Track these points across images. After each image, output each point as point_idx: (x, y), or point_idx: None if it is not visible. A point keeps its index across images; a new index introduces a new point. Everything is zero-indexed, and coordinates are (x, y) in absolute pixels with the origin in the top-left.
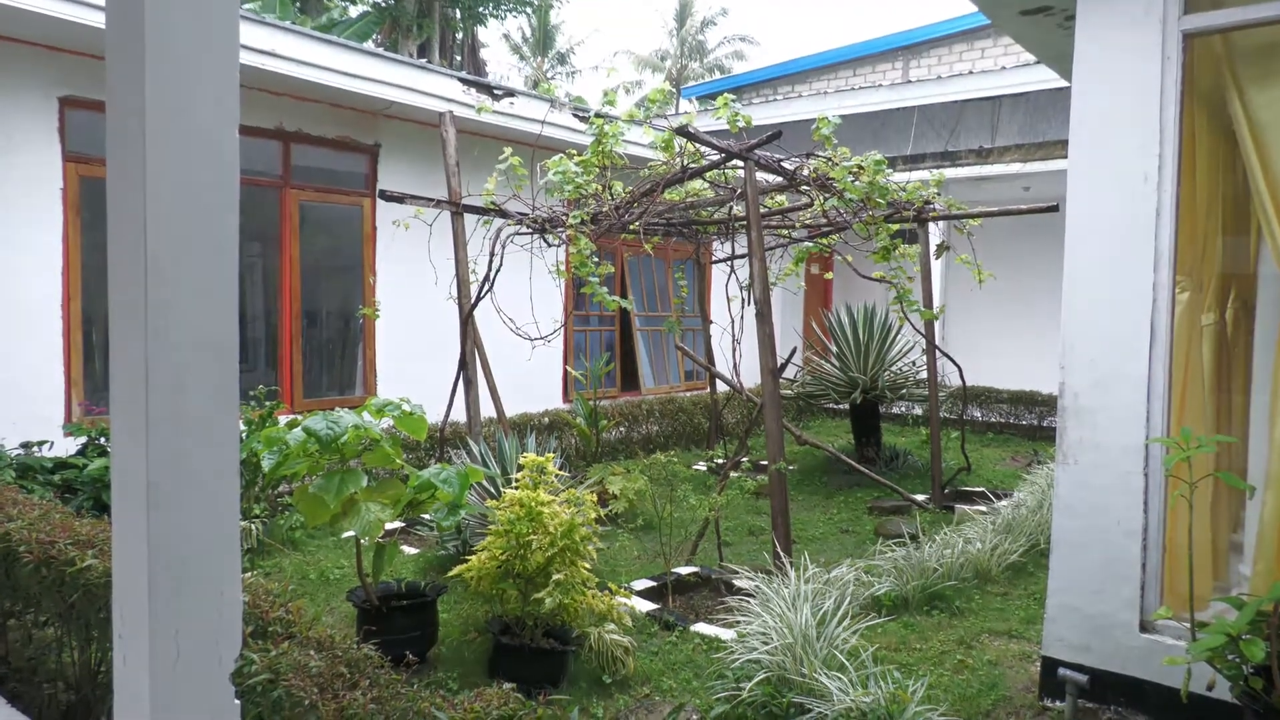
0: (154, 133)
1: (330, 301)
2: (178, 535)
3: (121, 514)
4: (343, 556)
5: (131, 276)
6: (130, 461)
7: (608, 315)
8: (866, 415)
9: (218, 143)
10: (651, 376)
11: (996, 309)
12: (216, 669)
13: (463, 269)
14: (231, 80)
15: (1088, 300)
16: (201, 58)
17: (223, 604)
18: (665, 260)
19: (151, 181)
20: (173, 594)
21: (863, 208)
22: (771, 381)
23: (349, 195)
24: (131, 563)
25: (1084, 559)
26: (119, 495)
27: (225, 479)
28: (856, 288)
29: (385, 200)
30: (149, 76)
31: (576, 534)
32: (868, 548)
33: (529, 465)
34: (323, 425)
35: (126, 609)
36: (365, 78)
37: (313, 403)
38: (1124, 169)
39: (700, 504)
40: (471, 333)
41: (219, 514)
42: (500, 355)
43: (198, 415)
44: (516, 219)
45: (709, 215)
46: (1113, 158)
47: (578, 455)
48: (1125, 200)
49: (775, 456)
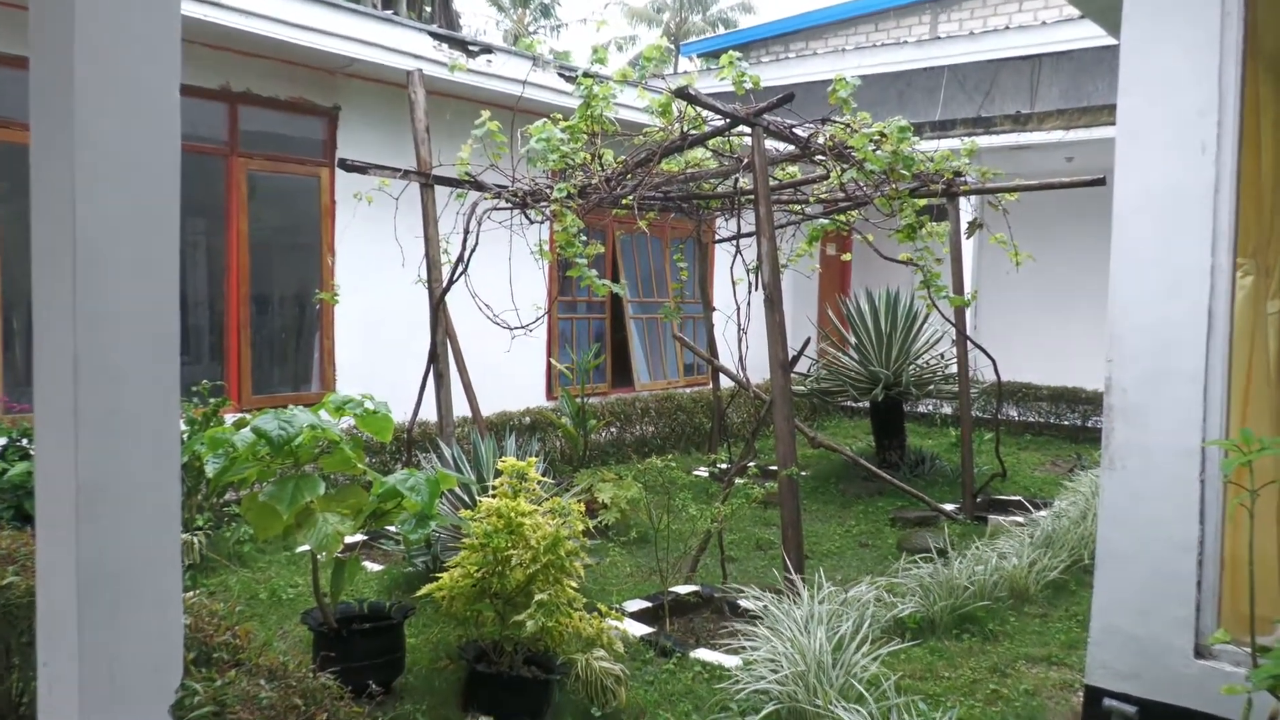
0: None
1: (283, 285)
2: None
3: (47, 525)
4: (297, 573)
5: (58, 255)
6: (57, 466)
7: (597, 302)
8: (889, 414)
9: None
10: (646, 371)
11: (1035, 295)
12: (155, 700)
13: (433, 248)
14: (171, 32)
15: (1137, 285)
16: (136, 6)
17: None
18: (662, 239)
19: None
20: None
21: (885, 180)
22: (782, 376)
23: (304, 164)
24: (58, 580)
25: (1132, 576)
26: (44, 504)
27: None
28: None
29: (345, 170)
30: (78, 28)
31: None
32: (890, 564)
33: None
34: (274, 425)
35: (52, 633)
36: (323, 31)
37: (263, 399)
38: (1179, 137)
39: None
40: (443, 321)
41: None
42: (476, 346)
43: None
44: (494, 192)
45: (712, 188)
46: (1166, 125)
47: (563, 459)
48: (1180, 172)
49: (786, 461)
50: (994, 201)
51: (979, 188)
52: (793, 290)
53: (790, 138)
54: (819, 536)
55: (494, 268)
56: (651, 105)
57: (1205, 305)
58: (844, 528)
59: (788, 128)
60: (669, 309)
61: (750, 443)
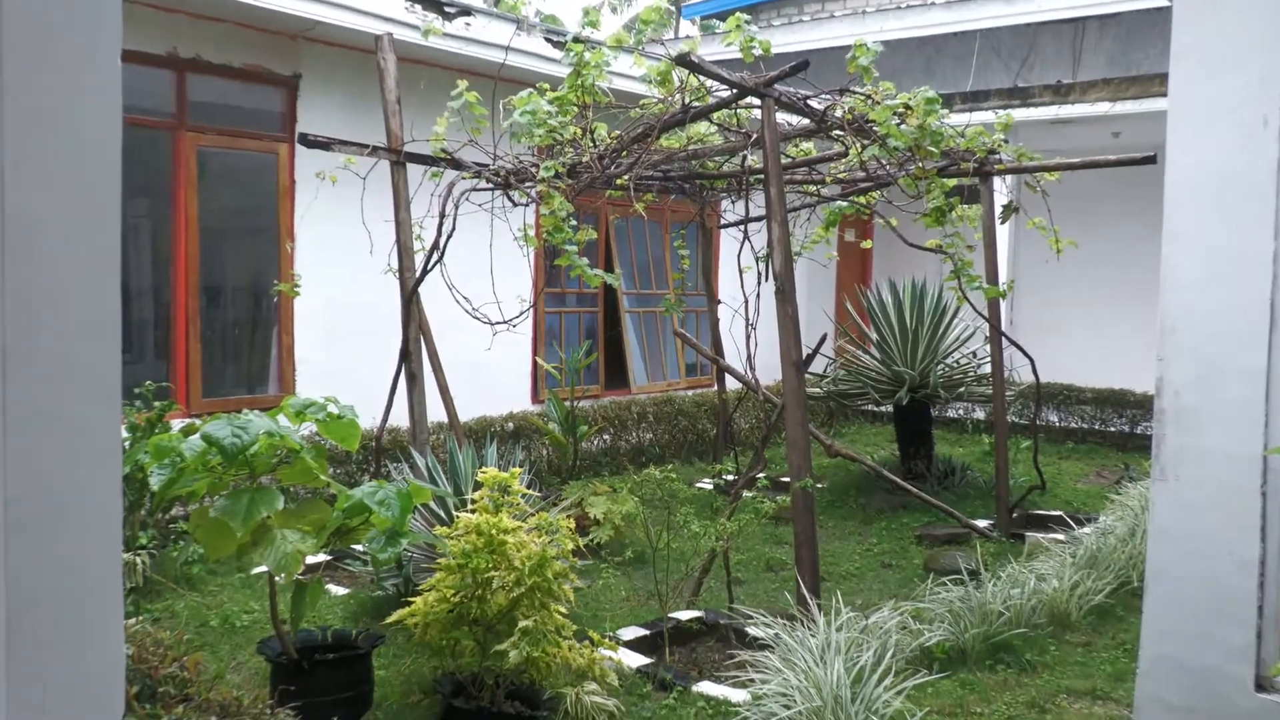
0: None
1: (237, 274)
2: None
3: None
4: (252, 598)
5: None
6: None
7: (589, 294)
8: (915, 420)
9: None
10: (644, 371)
11: (1079, 286)
12: None
13: (405, 234)
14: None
15: (1191, 274)
16: None
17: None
18: (662, 224)
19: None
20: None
21: (910, 158)
22: (795, 377)
23: (261, 140)
24: None
25: (1186, 599)
26: None
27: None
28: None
29: (307, 146)
30: None
31: (549, 570)
32: (916, 586)
33: (489, 483)
34: (227, 432)
35: None
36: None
37: (214, 403)
38: (1239, 110)
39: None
40: (416, 315)
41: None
42: (453, 343)
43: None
44: (473, 171)
45: (717, 167)
46: (1224, 96)
47: (550, 470)
48: (1239, 150)
49: (799, 472)
50: (1032, 182)
51: (1015, 166)
52: (807, 281)
53: (804, 110)
54: (836, 556)
55: (473, 256)
56: (649, 74)
57: (1267, 296)
58: (864, 546)
59: (801, 99)
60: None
61: (759, 451)
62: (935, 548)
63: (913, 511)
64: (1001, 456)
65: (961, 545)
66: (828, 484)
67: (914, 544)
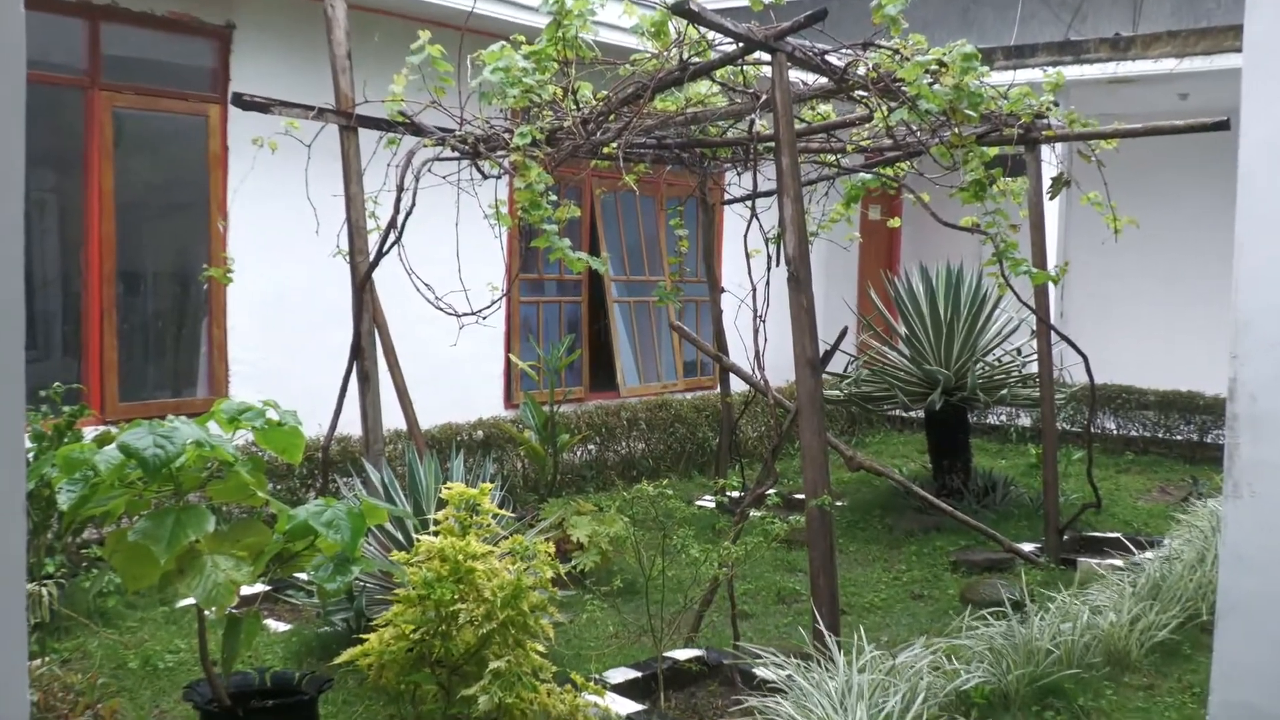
0: None
1: (160, 258)
2: None
3: None
4: (178, 635)
5: None
6: None
7: (571, 280)
8: (950, 427)
9: None
10: (635, 371)
11: (1139, 272)
12: None
13: (357, 211)
14: None
15: (1270, 257)
16: None
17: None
18: (656, 200)
19: None
20: None
21: (945, 123)
22: (810, 378)
23: (188, 100)
24: None
25: (1265, 635)
26: None
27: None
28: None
29: (242, 108)
30: None
31: (524, 601)
32: (951, 620)
33: (455, 500)
34: (149, 441)
35: None
36: None
37: (134, 407)
38: None
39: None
40: (370, 305)
41: None
42: (413, 339)
43: None
44: (437, 138)
45: (720, 134)
46: None
47: (527, 485)
48: None
49: (816, 487)
50: (1086, 151)
51: (1066, 133)
52: (825, 266)
53: (822, 68)
54: (859, 585)
55: (437, 236)
56: (642, 24)
57: None
58: (891, 574)
59: (819, 54)
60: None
61: (769, 464)
62: (973, 575)
63: (947, 533)
64: (1050, 470)
65: (1004, 572)
66: (849, 502)
67: (949, 571)
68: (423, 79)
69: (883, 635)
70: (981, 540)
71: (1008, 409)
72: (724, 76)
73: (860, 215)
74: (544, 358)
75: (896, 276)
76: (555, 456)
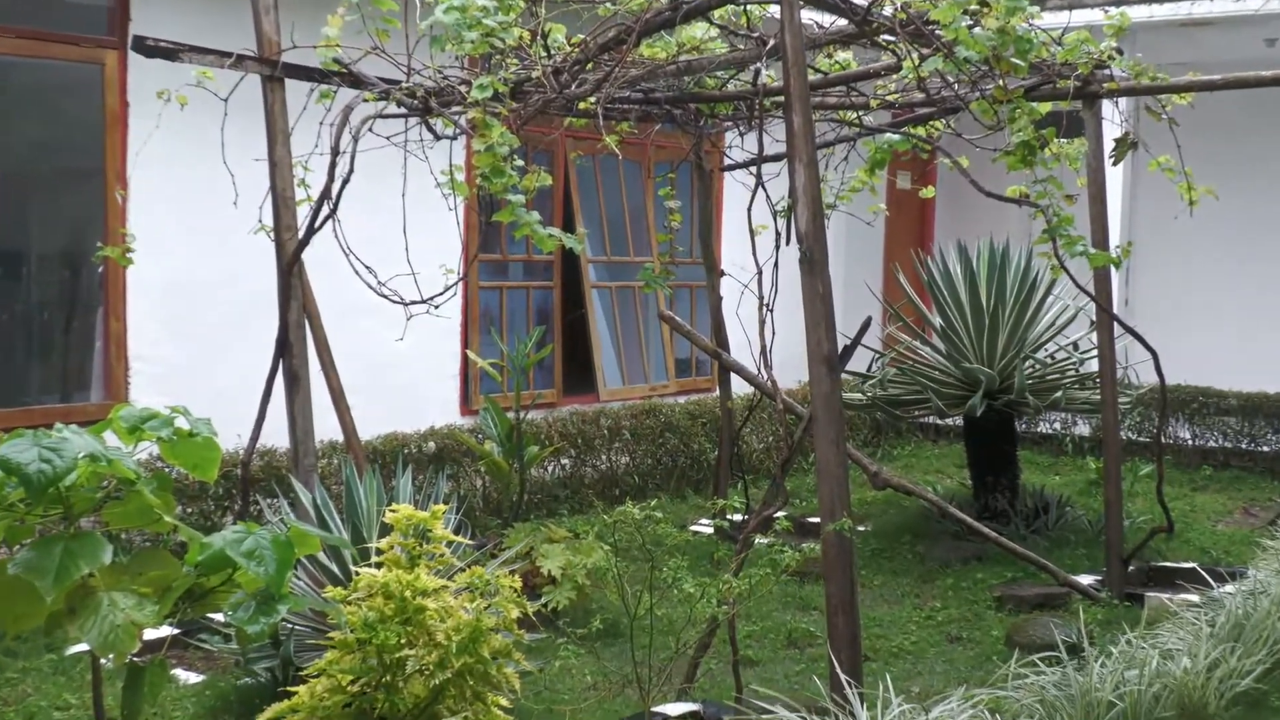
0: None
1: (45, 235)
2: None
3: None
4: (68, 687)
5: None
6: None
7: (540, 262)
8: (993, 437)
9: None
10: (618, 369)
11: (1219, 252)
12: None
13: (284, 179)
14: None
15: None
16: None
17: None
18: (643, 165)
19: None
20: None
21: (987, 74)
22: (828, 378)
23: (79, 46)
24: None
25: None
26: None
27: None
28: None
29: (145, 55)
30: None
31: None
32: (994, 668)
33: (401, 526)
34: (33, 455)
35: None
36: None
37: (14, 414)
38: None
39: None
40: (300, 292)
41: None
42: (352, 332)
43: None
44: (379, 90)
45: (719, 86)
46: None
47: (488, 508)
48: None
49: (834, 509)
50: (1155, 108)
51: (1132, 86)
52: (845, 244)
53: (841, 7)
54: (885, 626)
55: (380, 209)
56: None
57: None
58: (924, 612)
59: None
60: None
61: (778, 481)
62: (1021, 614)
63: (990, 564)
64: (1113, 488)
65: (1057, 610)
66: (873, 526)
67: (992, 609)
68: (362, 20)
69: (913, 685)
70: (1031, 572)
71: (1062, 415)
72: (724, 17)
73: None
74: (508, 354)
75: (930, 257)
76: (522, 473)
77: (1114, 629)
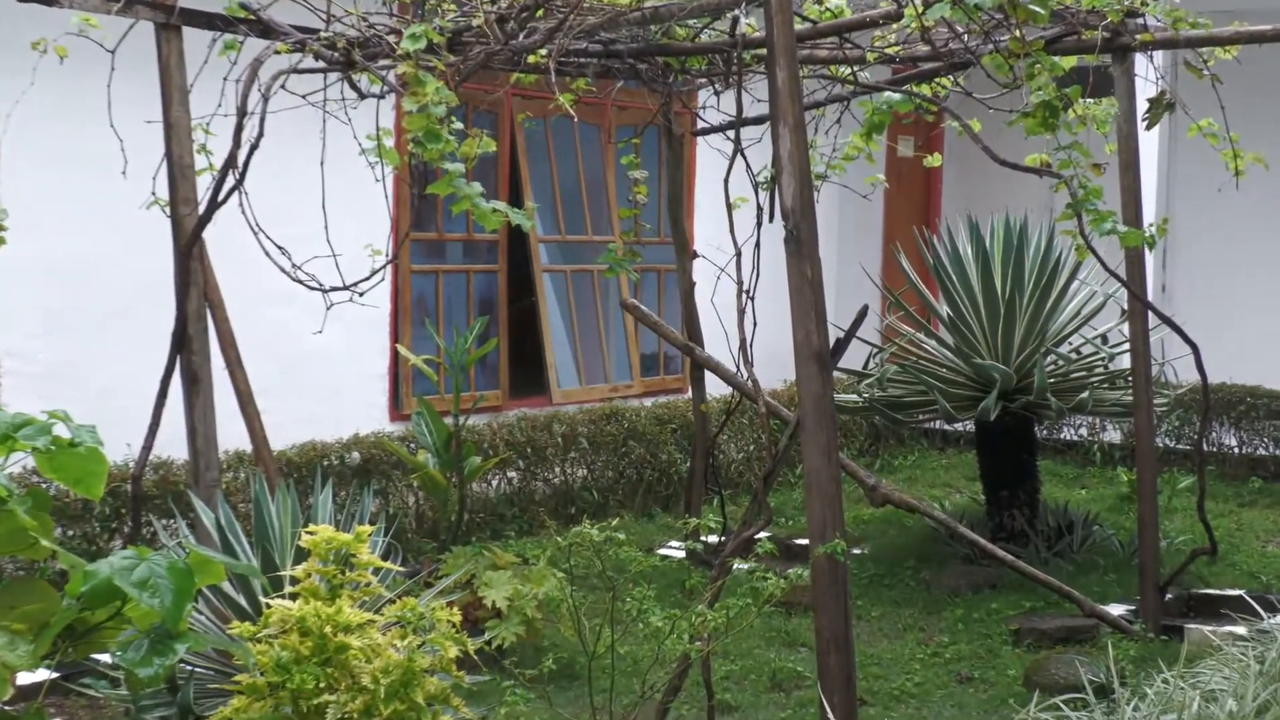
0: None
1: None
2: None
3: None
4: None
5: None
6: None
7: (483, 241)
8: (1010, 444)
9: None
10: (574, 367)
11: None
12: None
13: (181, 144)
14: None
15: None
16: None
17: None
18: (603, 129)
19: None
20: None
21: (1002, 23)
22: (818, 377)
23: None
24: None
25: None
26: None
27: None
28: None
29: None
30: None
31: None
32: (1011, 712)
33: (320, 550)
34: None
35: None
36: None
37: None
38: None
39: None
40: (200, 277)
41: None
42: (262, 324)
43: None
44: (293, 41)
45: (690, 37)
46: None
47: (422, 529)
48: None
49: (825, 529)
50: (1195, 64)
51: (1169, 38)
52: (838, 221)
53: None
54: (885, 664)
55: (295, 180)
56: None
57: None
58: (929, 648)
59: None
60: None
61: (760, 496)
62: (1042, 649)
63: (1006, 591)
64: (1148, 503)
65: (1084, 645)
66: (870, 548)
67: (1008, 644)
68: None
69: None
70: (1054, 601)
71: (1089, 419)
72: None
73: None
74: (446, 350)
75: (936, 236)
76: (462, 488)
77: (1149, 666)
